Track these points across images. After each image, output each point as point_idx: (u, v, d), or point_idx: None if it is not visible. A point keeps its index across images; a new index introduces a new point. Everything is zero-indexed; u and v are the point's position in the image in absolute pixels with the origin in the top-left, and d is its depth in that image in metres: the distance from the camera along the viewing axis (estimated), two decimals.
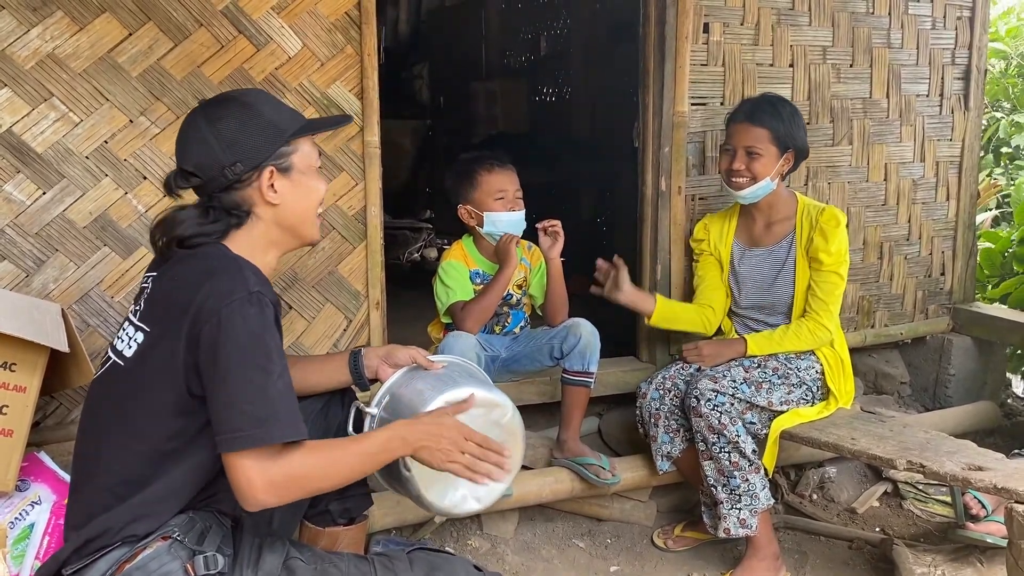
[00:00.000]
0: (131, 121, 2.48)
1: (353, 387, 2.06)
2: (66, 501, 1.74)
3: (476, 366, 2.14)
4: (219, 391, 1.53)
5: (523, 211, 2.79)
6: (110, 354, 1.72)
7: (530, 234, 2.85)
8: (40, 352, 2.01)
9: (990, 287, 4.72)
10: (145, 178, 2.51)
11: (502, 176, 2.78)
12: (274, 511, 1.91)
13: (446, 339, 2.60)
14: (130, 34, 2.45)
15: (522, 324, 2.95)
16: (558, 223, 2.78)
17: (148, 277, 1.75)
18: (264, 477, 1.51)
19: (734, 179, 2.81)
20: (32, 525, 2.01)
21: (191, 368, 1.57)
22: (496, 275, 2.72)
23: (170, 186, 1.71)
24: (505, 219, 2.75)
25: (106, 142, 2.46)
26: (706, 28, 3.16)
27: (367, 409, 1.89)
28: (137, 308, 1.71)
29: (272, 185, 1.69)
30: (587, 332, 2.75)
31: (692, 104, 3.17)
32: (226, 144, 1.65)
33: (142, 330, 1.66)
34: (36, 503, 2.04)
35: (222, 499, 1.73)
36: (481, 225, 2.76)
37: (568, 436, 2.84)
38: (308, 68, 2.65)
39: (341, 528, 2.10)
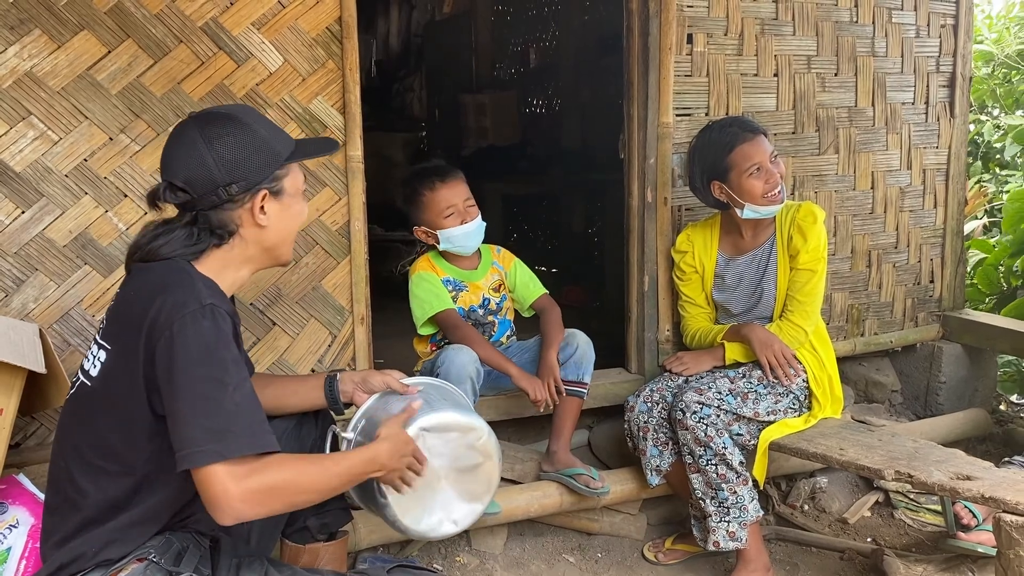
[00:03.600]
0: (111, 139, 2.47)
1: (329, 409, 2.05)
2: (42, 522, 1.72)
3: (453, 387, 2.14)
4: (175, 406, 1.50)
5: (477, 218, 2.76)
6: (79, 374, 1.70)
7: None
8: (17, 373, 1.99)
9: (990, 301, 4.68)
10: (126, 196, 2.50)
11: (445, 191, 2.73)
12: (251, 529, 1.90)
13: (446, 352, 2.57)
14: (109, 51, 2.44)
15: (508, 333, 2.93)
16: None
17: (117, 294, 1.74)
18: (240, 487, 1.47)
19: (776, 193, 2.73)
20: (9, 549, 1.98)
21: (152, 386, 1.54)
22: (496, 357, 2.65)
23: (155, 198, 1.68)
24: (459, 233, 2.73)
25: (86, 160, 2.45)
26: (690, 39, 3.16)
27: (343, 434, 1.88)
28: (102, 325, 1.70)
29: (263, 207, 1.68)
30: (583, 342, 2.75)
31: (677, 115, 3.16)
32: (223, 164, 1.63)
33: (104, 348, 1.64)
34: (13, 527, 2.01)
35: (200, 519, 1.72)
36: (439, 243, 2.75)
37: (558, 447, 2.83)
38: (289, 83, 2.64)
39: (321, 544, 2.08)
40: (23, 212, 2.40)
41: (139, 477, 1.60)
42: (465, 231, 2.73)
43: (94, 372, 1.64)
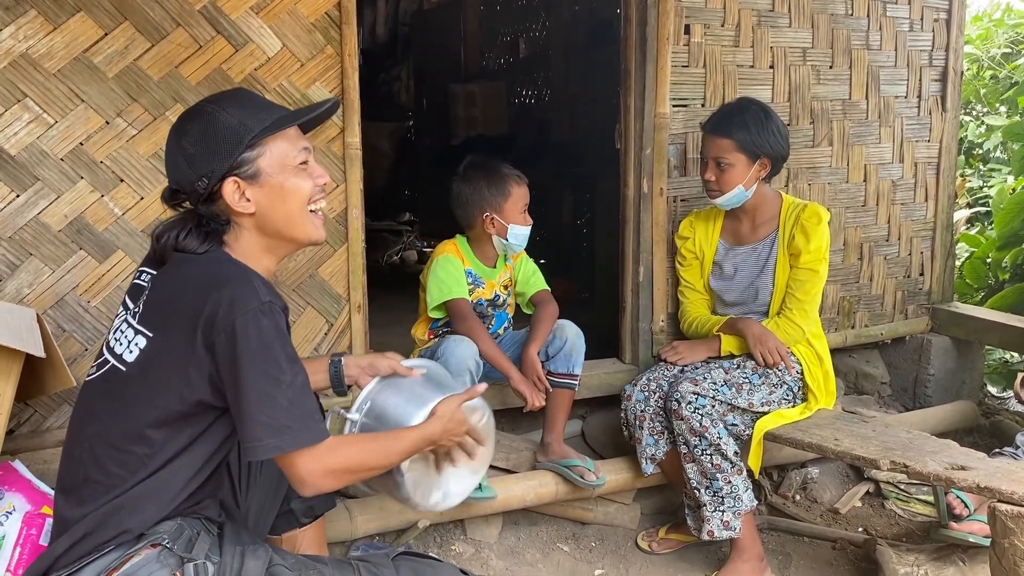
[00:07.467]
0: (107, 122, 2.43)
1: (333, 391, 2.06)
2: (55, 501, 1.70)
3: (448, 375, 2.14)
4: (237, 402, 1.56)
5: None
6: (107, 356, 1.68)
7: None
8: (15, 358, 1.96)
9: (977, 294, 4.73)
10: (122, 180, 2.46)
11: (526, 189, 2.79)
12: (249, 509, 1.96)
13: (447, 343, 2.57)
14: (106, 34, 2.40)
15: (505, 325, 2.94)
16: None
17: (144, 273, 1.72)
18: (321, 466, 1.60)
19: (707, 189, 2.84)
20: (3, 536, 1.95)
21: (205, 376, 1.57)
22: (499, 358, 2.66)
23: (166, 201, 1.73)
24: (523, 232, 2.77)
25: (82, 144, 2.41)
26: (687, 29, 3.16)
27: (348, 415, 1.89)
28: (136, 309, 1.67)
29: (243, 194, 1.65)
30: (572, 334, 2.75)
31: (673, 106, 3.16)
32: (189, 160, 1.63)
33: (143, 334, 1.63)
34: (9, 513, 1.98)
35: (208, 506, 1.73)
36: (503, 236, 2.75)
37: (552, 439, 2.84)
38: (288, 69, 2.61)
39: (298, 531, 2.11)
40: (17, 196, 2.37)
41: (167, 458, 1.61)
42: (527, 232, 2.77)
43: (129, 357, 1.63)
